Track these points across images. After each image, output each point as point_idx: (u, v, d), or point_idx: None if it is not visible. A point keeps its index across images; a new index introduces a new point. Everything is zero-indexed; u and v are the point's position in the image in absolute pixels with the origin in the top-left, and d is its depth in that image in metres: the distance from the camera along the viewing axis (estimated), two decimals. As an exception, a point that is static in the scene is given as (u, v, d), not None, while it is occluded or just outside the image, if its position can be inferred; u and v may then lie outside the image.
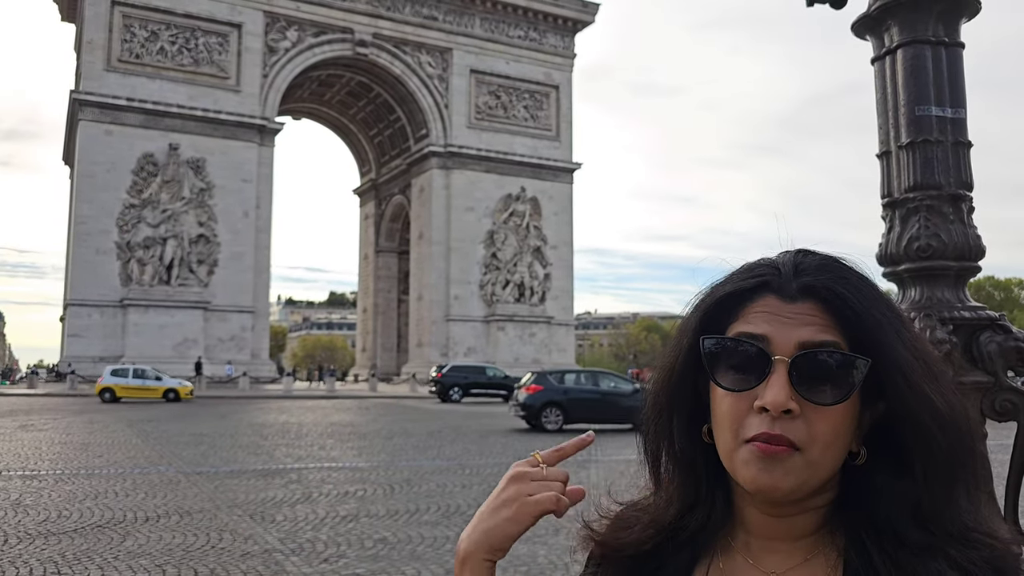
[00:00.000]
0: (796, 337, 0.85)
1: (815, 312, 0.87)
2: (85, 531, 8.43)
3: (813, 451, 0.85)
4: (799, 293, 0.88)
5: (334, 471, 13.18)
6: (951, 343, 1.93)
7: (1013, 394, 1.92)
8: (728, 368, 0.88)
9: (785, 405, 0.83)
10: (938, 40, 2.06)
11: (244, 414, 27.37)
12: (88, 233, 51.35)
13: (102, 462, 14.08)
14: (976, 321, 1.98)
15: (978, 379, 1.95)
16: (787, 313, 0.87)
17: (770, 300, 0.89)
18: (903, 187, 2.07)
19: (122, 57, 52.83)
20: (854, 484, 0.89)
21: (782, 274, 0.90)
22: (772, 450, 0.84)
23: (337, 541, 8.05)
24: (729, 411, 0.88)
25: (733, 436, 0.87)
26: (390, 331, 74.18)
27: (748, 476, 0.86)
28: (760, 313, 0.89)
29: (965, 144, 2.06)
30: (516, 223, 64.77)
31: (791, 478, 0.85)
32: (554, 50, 67.48)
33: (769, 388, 0.84)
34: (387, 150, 71.45)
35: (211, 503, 10.09)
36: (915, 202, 2.04)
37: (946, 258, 2.01)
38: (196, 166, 53.73)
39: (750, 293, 0.91)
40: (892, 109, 2.10)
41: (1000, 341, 1.94)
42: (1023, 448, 1.95)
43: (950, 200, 2.03)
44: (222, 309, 53.61)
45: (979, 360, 1.96)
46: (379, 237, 74.84)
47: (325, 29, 59.20)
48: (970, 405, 1.97)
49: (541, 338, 64.23)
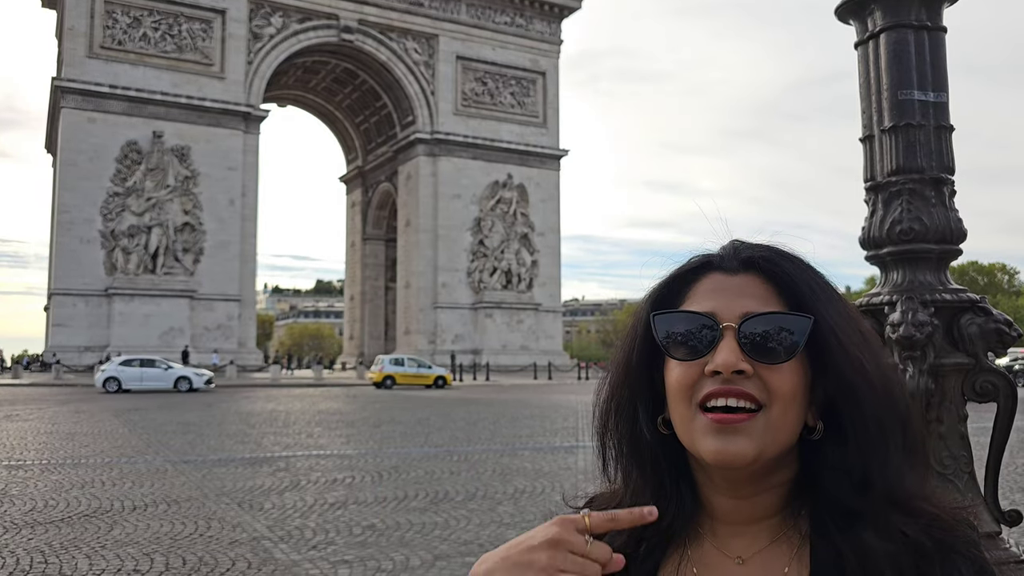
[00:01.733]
0: (741, 307, 0.90)
1: (757, 283, 0.92)
2: (72, 520, 8.40)
3: (773, 409, 0.87)
4: (741, 266, 0.94)
5: (322, 459, 13.18)
6: (932, 325, 1.95)
7: (993, 375, 1.95)
8: (680, 343, 0.91)
9: (736, 365, 0.87)
10: (921, 24, 2.07)
11: (231, 403, 27.30)
12: (72, 222, 50.95)
13: (88, 452, 14.02)
14: (957, 303, 2.00)
15: (959, 361, 1.97)
16: (732, 287, 0.92)
17: (715, 276, 0.94)
18: (886, 171, 2.09)
19: (104, 44, 52.29)
20: (810, 460, 0.91)
21: (723, 254, 0.96)
22: (728, 419, 0.86)
23: (325, 528, 8.05)
24: (681, 379, 0.90)
25: (687, 403, 0.89)
26: (377, 319, 74.08)
27: (708, 448, 0.87)
28: (706, 291, 0.93)
29: (947, 128, 2.07)
30: (503, 210, 64.71)
31: (752, 442, 0.86)
32: (540, 36, 67.27)
33: (719, 352, 0.88)
34: (373, 137, 71.14)
35: (199, 491, 10.07)
36: (897, 185, 2.06)
37: (928, 241, 2.02)
38: (181, 154, 53.34)
39: (695, 273, 0.96)
40: (875, 93, 2.11)
41: (981, 323, 1.96)
42: (1003, 429, 1.97)
43: (932, 184, 2.05)
44: (208, 298, 53.37)
45: (960, 342, 1.98)
46: (366, 225, 74.61)
47: (310, 15, 58.76)
48: (951, 387, 1.99)
49: (529, 325, 64.33)
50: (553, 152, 67.27)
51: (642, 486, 0.98)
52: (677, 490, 0.96)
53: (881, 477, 0.87)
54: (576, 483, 10.46)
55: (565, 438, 16.19)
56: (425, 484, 10.57)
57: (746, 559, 0.92)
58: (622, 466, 1.00)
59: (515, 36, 66.07)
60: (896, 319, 1.96)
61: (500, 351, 61.49)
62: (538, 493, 9.93)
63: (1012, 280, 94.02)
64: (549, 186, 67.04)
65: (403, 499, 9.57)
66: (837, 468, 0.88)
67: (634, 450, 0.98)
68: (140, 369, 35.29)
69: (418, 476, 11.26)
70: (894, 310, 1.99)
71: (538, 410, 23.64)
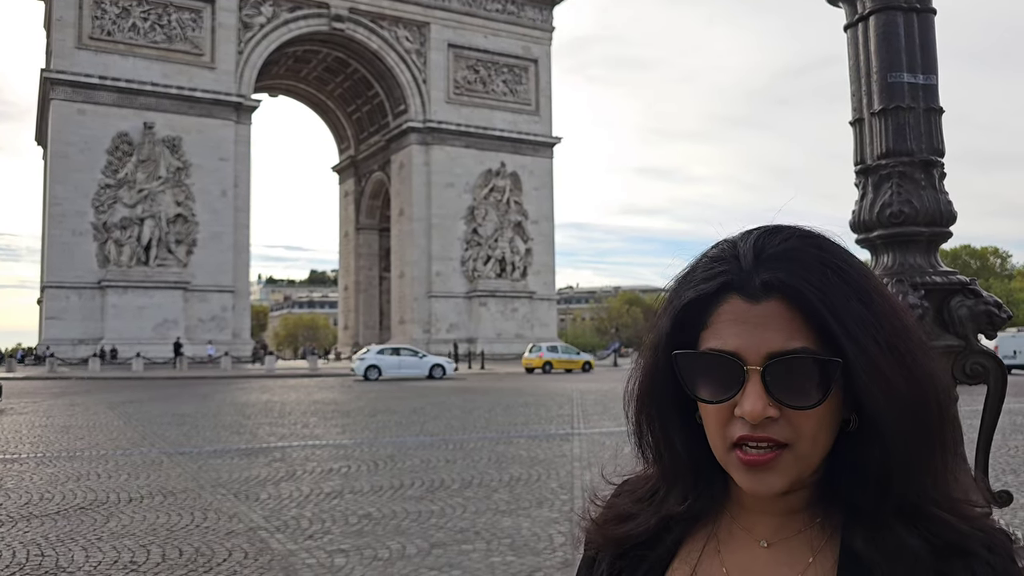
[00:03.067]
0: (766, 347, 0.85)
1: (781, 312, 0.86)
2: (68, 513, 8.40)
3: (801, 446, 0.86)
4: (763, 291, 0.87)
5: (318, 449, 13.19)
6: (923, 308, 1.95)
7: (983, 357, 1.95)
8: (705, 382, 0.89)
9: (763, 414, 0.85)
10: (910, 6, 2.06)
11: (226, 394, 27.28)
12: (64, 214, 50.74)
13: (83, 444, 14.01)
14: (947, 286, 2.00)
15: (949, 343, 1.98)
16: (754, 317, 0.87)
17: (735, 302, 0.88)
18: (875, 154, 2.08)
19: (93, 35, 51.94)
20: (842, 455, 0.90)
21: (743, 267, 0.89)
22: (757, 461, 0.86)
23: (322, 518, 8.06)
24: (713, 418, 0.89)
25: (721, 440, 0.89)
26: (372, 309, 74.04)
27: (741, 481, 0.88)
28: (727, 322, 0.88)
29: (937, 110, 2.07)
30: (497, 198, 64.63)
31: (783, 478, 0.86)
32: (532, 24, 67.03)
33: (746, 398, 0.85)
34: (365, 126, 70.90)
35: (194, 483, 10.07)
36: (887, 168, 2.05)
37: (918, 224, 2.02)
38: (172, 145, 53.11)
39: (714, 296, 0.90)
40: (865, 76, 2.11)
41: (971, 305, 1.97)
42: (993, 410, 1.98)
43: (922, 166, 2.04)
44: (202, 289, 53.27)
45: (950, 324, 1.98)
46: (359, 214, 74.46)
47: (301, 4, 58.44)
48: (940, 369, 2.00)
49: (523, 313, 64.37)
50: (546, 140, 67.14)
51: (673, 470, 0.98)
52: (708, 477, 0.95)
53: (908, 481, 0.86)
54: (571, 470, 10.50)
55: (560, 426, 16.22)
56: (421, 473, 10.58)
57: (772, 543, 0.92)
58: (655, 450, 0.99)
59: (507, 23, 65.81)
60: (886, 302, 1.96)
61: (495, 339, 61.52)
62: (534, 480, 9.95)
63: (1005, 263, 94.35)
64: (542, 174, 66.96)
65: (399, 488, 9.59)
66: (866, 466, 0.88)
67: (667, 437, 0.97)
68: (398, 358, 36.13)
69: (414, 465, 11.27)
70: (884, 293, 1.99)
71: (533, 398, 23.67)
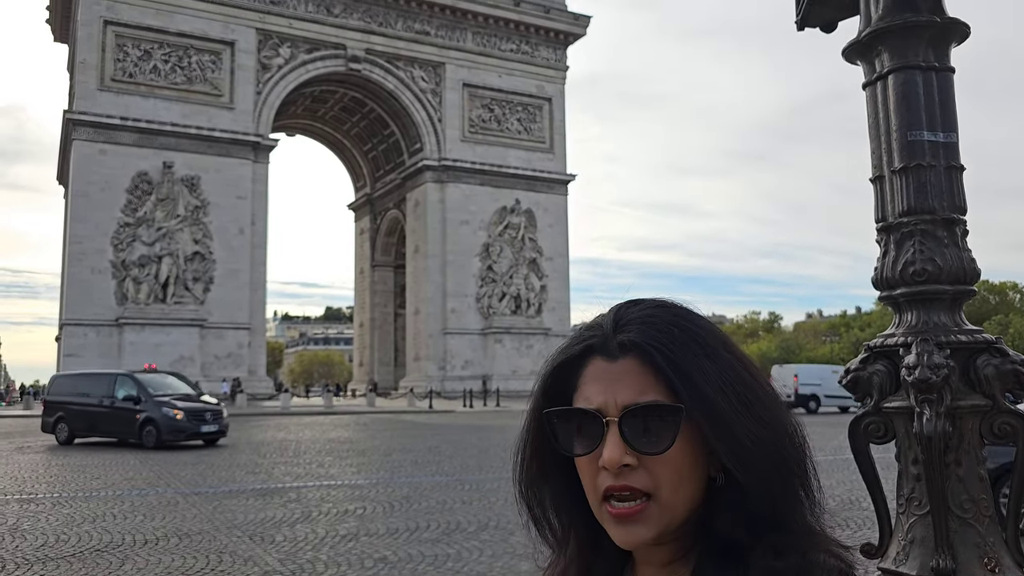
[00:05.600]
0: (622, 400, 0.95)
1: (635, 369, 0.96)
2: (84, 555, 8.38)
3: (662, 494, 0.94)
4: (619, 351, 0.98)
5: (333, 489, 13.14)
6: (948, 367, 1.93)
7: (1011, 416, 1.92)
8: (576, 438, 0.97)
9: (621, 461, 0.93)
10: (928, 65, 2.07)
11: (241, 432, 27.28)
12: (83, 252, 51.31)
13: (99, 484, 14.02)
14: (973, 344, 1.98)
15: (976, 402, 1.95)
16: (612, 375, 0.97)
17: (597, 362, 0.99)
18: (897, 211, 2.08)
19: (115, 76, 52.93)
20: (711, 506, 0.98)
21: (604, 332, 1.01)
22: (624, 513, 0.93)
23: (337, 561, 8.01)
24: (586, 473, 0.97)
25: (594, 493, 0.96)
26: (387, 345, 74.09)
27: (614, 535, 0.96)
28: (590, 381, 0.99)
29: (958, 168, 2.07)
30: (511, 235, 64.86)
31: (650, 529, 0.94)
32: (546, 63, 67.78)
33: (605, 447, 0.94)
34: (381, 165, 71.58)
35: (210, 524, 10.05)
36: (909, 226, 2.05)
37: (941, 282, 2.01)
38: (191, 184, 53.77)
39: (579, 359, 1.01)
40: (884, 134, 2.11)
41: (997, 364, 1.95)
42: (1023, 471, 1.95)
43: (944, 224, 2.04)
44: (218, 326, 53.53)
45: (976, 383, 1.96)
46: (375, 251, 74.87)
47: (318, 45, 59.40)
48: (969, 429, 1.97)
49: (539, 349, 64.19)
50: (560, 177, 67.51)
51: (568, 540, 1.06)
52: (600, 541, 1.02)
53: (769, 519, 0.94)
54: None
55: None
56: (437, 514, 10.51)
57: None
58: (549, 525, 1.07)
59: (521, 63, 66.58)
60: (912, 362, 1.95)
61: (510, 376, 61.32)
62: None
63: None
64: (557, 211, 67.22)
65: (415, 530, 9.52)
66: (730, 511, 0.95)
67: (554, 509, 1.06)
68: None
69: (430, 506, 11.20)
70: (909, 352, 1.97)
71: (549, 436, 23.53)
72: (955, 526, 1.92)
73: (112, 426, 22.42)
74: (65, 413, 23.23)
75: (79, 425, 22.93)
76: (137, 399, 21.97)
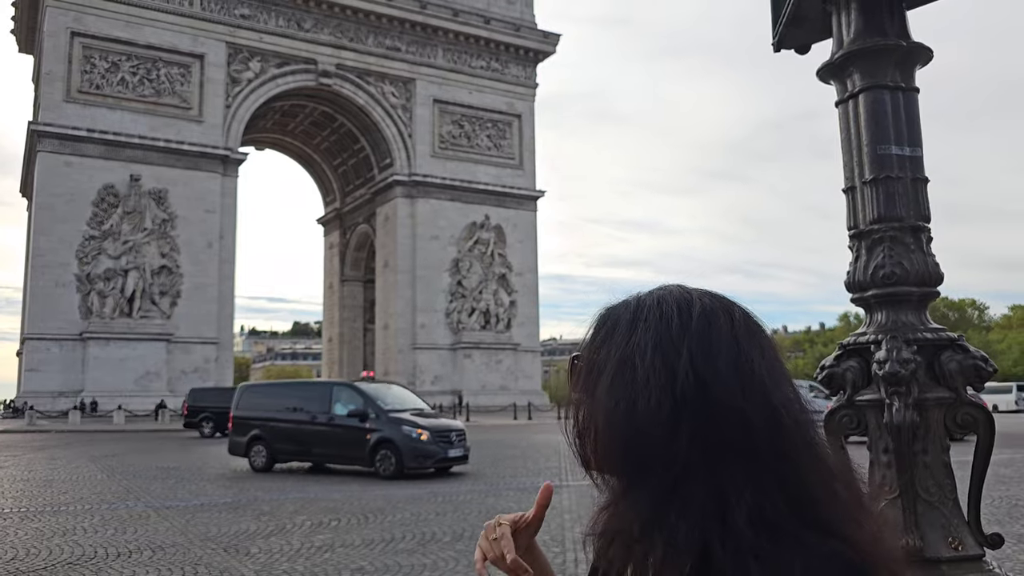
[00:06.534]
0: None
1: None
2: (56, 569, 8.31)
3: None
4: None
5: (306, 502, 13.11)
6: (916, 362, 2.10)
7: (973, 408, 2.10)
8: None
9: None
10: (896, 86, 2.26)
11: (210, 446, 27.00)
12: (47, 265, 50.56)
13: (68, 498, 13.84)
14: (938, 341, 2.16)
15: (941, 395, 2.13)
16: None
17: None
18: (868, 219, 2.26)
19: (82, 88, 52.42)
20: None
21: None
22: None
23: (314, 572, 8.03)
24: None
25: None
26: (356, 360, 73.73)
27: None
28: None
29: (922, 180, 2.25)
30: (481, 251, 65.05)
31: None
32: (516, 80, 68.29)
33: None
34: (351, 179, 71.49)
35: (183, 537, 9.99)
36: (879, 233, 2.23)
37: (908, 284, 2.19)
38: (158, 197, 53.29)
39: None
40: (856, 148, 2.29)
41: (960, 360, 2.12)
42: (983, 458, 2.12)
43: (911, 231, 2.22)
44: (185, 341, 52.97)
45: (941, 378, 2.13)
46: (344, 266, 74.61)
47: (288, 60, 59.34)
48: (934, 419, 2.14)
49: (508, 365, 64.31)
50: (530, 193, 67.90)
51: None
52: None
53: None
54: (562, 523, 10.50)
55: (548, 477, 16.18)
56: (411, 526, 10.55)
57: None
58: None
59: (491, 80, 67.01)
60: (882, 357, 2.12)
61: (479, 391, 61.34)
62: (525, 533, 9.93)
63: (982, 315, 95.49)
64: (526, 226, 67.55)
65: (390, 541, 9.56)
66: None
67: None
68: None
69: (404, 518, 11.24)
70: (880, 349, 2.15)
71: (519, 450, 23.59)
72: (922, 509, 2.09)
73: (332, 448, 18.27)
74: (264, 432, 18.86)
75: (285, 447, 18.86)
76: (364, 415, 17.65)
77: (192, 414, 34.49)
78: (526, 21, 68.30)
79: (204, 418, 33.62)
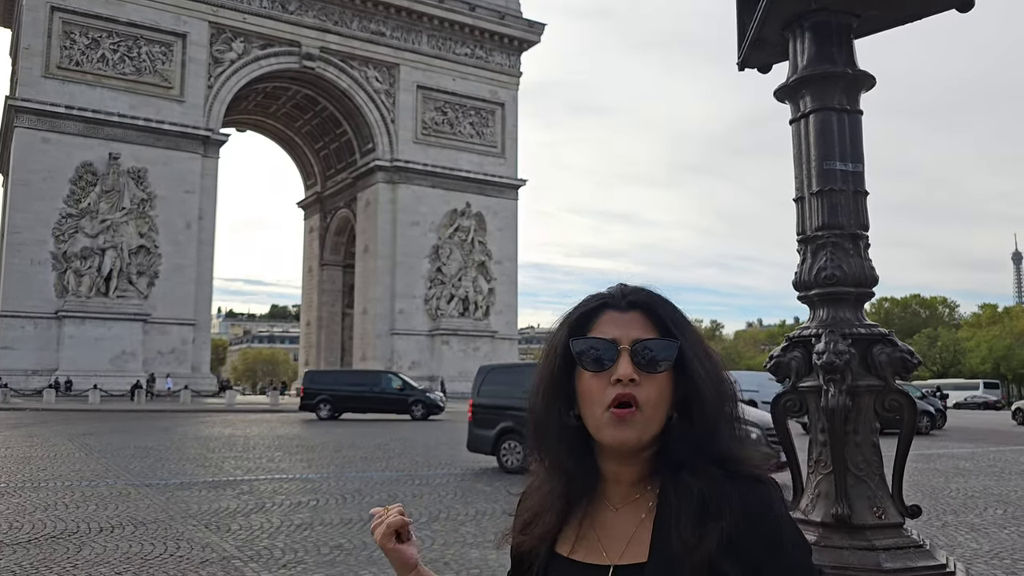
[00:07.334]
0: (632, 336, 1.29)
1: (640, 318, 1.31)
2: (40, 542, 8.49)
3: (647, 409, 1.26)
4: (628, 306, 1.33)
5: (285, 482, 13.33)
6: (850, 354, 2.39)
7: (899, 395, 2.40)
8: (590, 359, 1.30)
9: (631, 375, 1.26)
10: (842, 108, 2.53)
11: (187, 427, 27.09)
12: (22, 243, 50.14)
13: (47, 475, 13.96)
14: (870, 336, 2.45)
15: (871, 383, 2.42)
16: (623, 320, 1.31)
17: (610, 313, 1.33)
18: (813, 227, 2.54)
19: (61, 64, 51.87)
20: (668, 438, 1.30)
21: (614, 295, 1.35)
22: (622, 414, 1.25)
23: (294, 548, 8.27)
24: (594, 388, 1.29)
25: (599, 406, 1.28)
26: (334, 345, 73.72)
27: (609, 435, 1.27)
28: (605, 323, 1.32)
29: (863, 193, 2.54)
30: (461, 238, 65.18)
31: (635, 432, 1.26)
32: (500, 68, 68.30)
33: (619, 366, 1.27)
34: (333, 163, 71.28)
35: (165, 514, 10.19)
36: (823, 239, 2.51)
37: (847, 285, 2.47)
38: (137, 176, 52.93)
39: (595, 311, 1.35)
40: (805, 163, 2.57)
41: (889, 352, 2.41)
42: (907, 438, 2.41)
43: (851, 238, 2.50)
44: (162, 321, 52.77)
45: (873, 368, 2.42)
46: (324, 250, 74.47)
47: (272, 41, 59.00)
48: (865, 404, 2.43)
49: (485, 352, 64.58)
50: (511, 182, 68.07)
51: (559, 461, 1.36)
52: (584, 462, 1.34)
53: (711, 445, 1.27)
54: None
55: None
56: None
57: (619, 507, 1.32)
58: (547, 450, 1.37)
59: (475, 67, 66.99)
60: (821, 348, 2.40)
61: (456, 378, 61.59)
62: (499, 514, 10.24)
63: (952, 313, 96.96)
64: (507, 215, 67.75)
65: (368, 520, 9.78)
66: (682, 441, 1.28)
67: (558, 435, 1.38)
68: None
69: (381, 499, 11.49)
70: (819, 341, 2.43)
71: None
72: (852, 482, 2.39)
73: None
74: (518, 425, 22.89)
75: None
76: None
77: (308, 396, 35.27)
78: (511, 9, 68.29)
79: (321, 400, 34.59)
